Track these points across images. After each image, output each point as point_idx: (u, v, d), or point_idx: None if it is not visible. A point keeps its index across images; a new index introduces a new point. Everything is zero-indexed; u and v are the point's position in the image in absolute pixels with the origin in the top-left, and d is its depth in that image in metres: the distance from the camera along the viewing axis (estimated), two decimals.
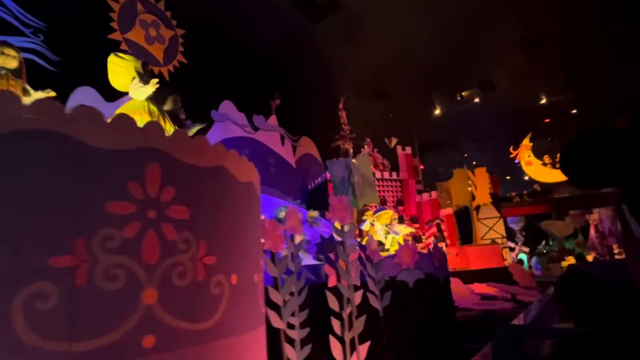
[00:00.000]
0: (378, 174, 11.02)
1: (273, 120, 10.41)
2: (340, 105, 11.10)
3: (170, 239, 1.93)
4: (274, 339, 3.47)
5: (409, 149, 11.80)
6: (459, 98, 16.00)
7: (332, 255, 3.92)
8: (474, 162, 18.54)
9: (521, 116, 18.55)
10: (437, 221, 10.21)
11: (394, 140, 11.99)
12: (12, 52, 4.39)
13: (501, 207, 14.04)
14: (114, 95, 6.54)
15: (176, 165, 2.08)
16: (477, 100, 16.28)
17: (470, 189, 10.61)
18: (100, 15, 7.00)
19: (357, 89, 15.22)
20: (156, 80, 5.25)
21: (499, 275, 8.82)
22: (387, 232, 5.78)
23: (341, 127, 10.94)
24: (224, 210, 2.34)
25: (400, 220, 10.30)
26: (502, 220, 14.20)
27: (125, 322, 1.69)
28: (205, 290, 2.07)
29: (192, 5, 9.21)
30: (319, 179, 10.65)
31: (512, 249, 16.30)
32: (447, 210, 10.62)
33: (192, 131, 5.21)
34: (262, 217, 5.11)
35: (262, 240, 3.23)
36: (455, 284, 7.37)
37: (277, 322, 3.14)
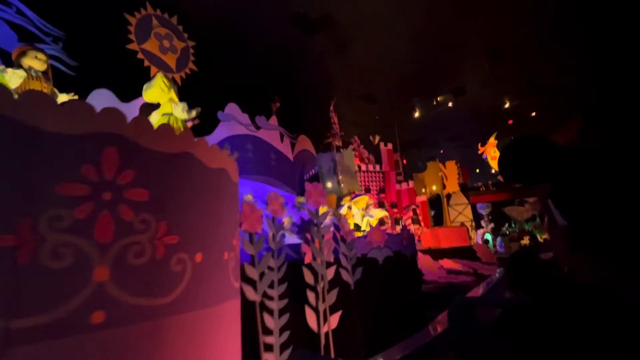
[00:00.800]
0: (363, 167, 10.79)
1: (273, 120, 10.13)
2: (331, 108, 10.83)
3: (126, 220, 1.70)
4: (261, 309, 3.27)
5: (390, 145, 11.54)
6: (434, 102, 15.64)
7: (308, 235, 3.68)
8: (454, 160, 18.26)
9: (488, 118, 18.22)
10: (413, 206, 9.98)
11: (377, 138, 11.72)
12: (43, 57, 4.20)
13: (469, 195, 13.78)
14: (128, 97, 6.31)
15: (138, 151, 1.84)
16: (450, 104, 15.93)
17: (441, 179, 10.35)
18: (117, 27, 6.75)
19: (348, 94, 14.91)
20: (199, 109, 5.40)
21: (465, 252, 8.60)
22: (363, 215, 5.54)
23: (332, 126, 10.68)
24: (190, 194, 2.10)
25: (381, 206, 10.08)
26: (470, 206, 13.94)
27: (71, 299, 1.47)
28: (164, 268, 1.84)
29: (202, 20, 8.90)
30: (313, 171, 10.42)
31: (480, 227, 16.04)
32: (422, 198, 10.37)
33: (192, 114, 4.96)
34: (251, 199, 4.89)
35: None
36: (426, 260, 7.16)
37: (252, 295, 2.92)
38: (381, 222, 9.06)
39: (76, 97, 4.36)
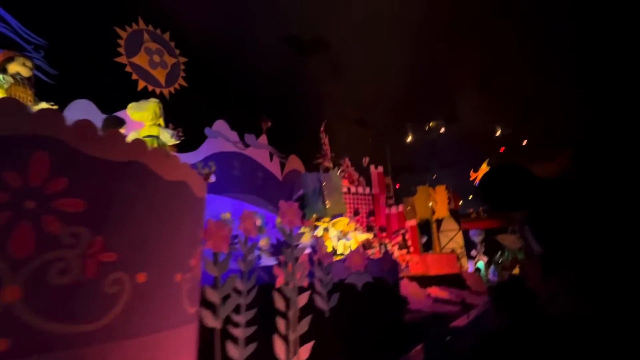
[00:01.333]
0: (353, 189, 10.66)
1: (263, 139, 10.05)
2: (322, 129, 10.81)
3: (51, 232, 1.52)
4: (225, 337, 3.02)
5: (380, 168, 11.47)
6: (427, 128, 15.79)
7: (282, 258, 3.48)
8: (445, 185, 18.27)
9: (480, 145, 18.37)
10: (402, 231, 9.80)
11: (366, 160, 11.69)
12: (30, 64, 4.14)
13: (460, 221, 13.62)
14: (110, 108, 6.19)
15: (76, 157, 1.68)
16: (442, 130, 16.08)
17: (430, 204, 10.24)
18: (103, 39, 6.73)
19: (340, 116, 15.01)
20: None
21: (454, 280, 8.35)
22: (339, 238, 5.34)
23: (322, 147, 10.61)
24: (137, 207, 1.92)
25: (370, 229, 9.87)
26: (461, 232, 13.75)
27: None
28: (95, 289, 1.63)
29: (196, 38, 8.96)
30: (302, 191, 10.26)
31: (473, 258, 15.78)
32: (412, 222, 10.21)
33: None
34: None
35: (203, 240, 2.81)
36: (412, 287, 6.90)
37: (210, 321, 2.68)
38: (367, 246, 8.84)
39: (56, 106, 4.24)
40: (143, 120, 5.28)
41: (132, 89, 7.16)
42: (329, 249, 4.91)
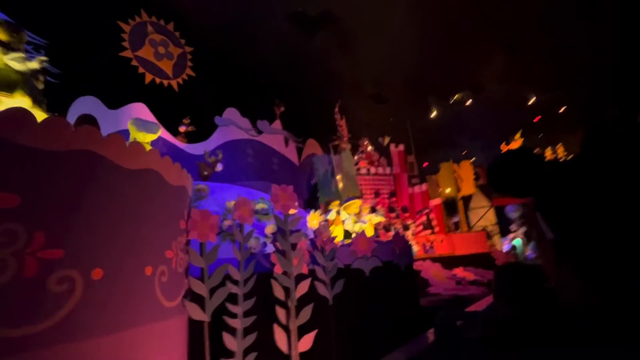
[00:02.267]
0: (373, 170, 10.30)
1: (277, 124, 9.89)
2: (336, 109, 10.45)
3: None
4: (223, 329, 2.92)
5: (401, 147, 10.98)
6: (451, 101, 14.92)
7: (278, 245, 3.31)
8: (474, 159, 17.43)
9: (512, 115, 17.17)
10: (426, 211, 9.36)
11: (387, 139, 11.21)
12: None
13: (492, 197, 12.91)
14: (116, 103, 6.24)
15: (6, 148, 1.56)
16: (469, 102, 15.14)
17: (456, 180, 9.67)
18: (105, 34, 6.74)
19: (358, 94, 14.49)
20: None
21: (482, 260, 7.89)
22: (355, 221, 5.09)
23: (337, 128, 10.29)
24: (89, 199, 1.79)
25: (391, 211, 9.54)
26: (493, 209, 13.06)
27: None
28: (37, 289, 1.53)
29: (201, 26, 8.83)
30: None
31: (507, 233, 14.98)
32: (436, 201, 9.73)
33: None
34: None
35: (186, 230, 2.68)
36: (435, 268, 6.57)
37: (197, 314, 2.56)
38: (388, 228, 8.53)
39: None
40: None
41: (140, 83, 7.20)
42: (340, 234, 4.70)
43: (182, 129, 7.37)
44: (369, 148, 10.56)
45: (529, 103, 15.77)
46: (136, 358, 1.91)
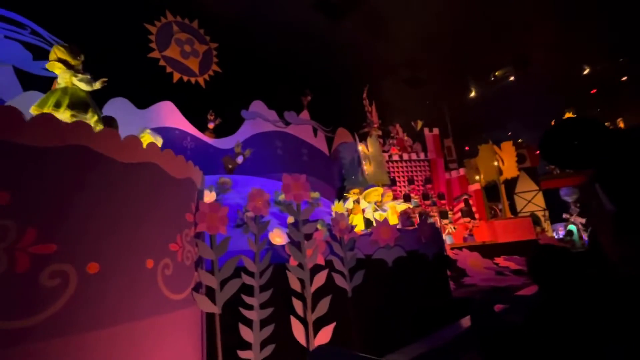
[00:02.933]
0: (406, 156, 9.88)
1: (305, 114, 9.78)
2: (364, 95, 10.12)
3: None
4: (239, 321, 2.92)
5: (436, 130, 10.40)
6: (492, 78, 13.88)
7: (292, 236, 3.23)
8: (520, 140, 16.24)
9: (563, 89, 15.63)
10: (465, 197, 8.82)
11: (419, 123, 10.67)
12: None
13: (540, 180, 11.93)
14: (145, 103, 6.47)
15: None
16: (512, 78, 14.01)
17: (497, 163, 8.95)
18: (131, 37, 6.98)
19: (391, 79, 13.94)
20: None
21: (529, 247, 7.28)
22: (375, 209, 4.84)
23: (366, 114, 9.98)
24: (83, 194, 1.80)
25: (425, 198, 9.12)
26: (541, 193, 12.07)
27: None
28: (28, 284, 1.56)
29: (224, 21, 8.91)
30: None
31: (566, 220, 13.77)
32: (475, 186, 9.11)
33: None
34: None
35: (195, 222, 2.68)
36: (473, 257, 6.17)
37: (206, 306, 2.56)
38: (443, 214, 8.12)
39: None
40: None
41: (168, 82, 7.43)
42: (360, 223, 4.52)
43: (210, 125, 7.52)
44: (402, 134, 10.14)
45: (585, 73, 14.24)
46: (138, 350, 1.92)
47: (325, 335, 3.12)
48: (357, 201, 4.79)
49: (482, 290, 4.55)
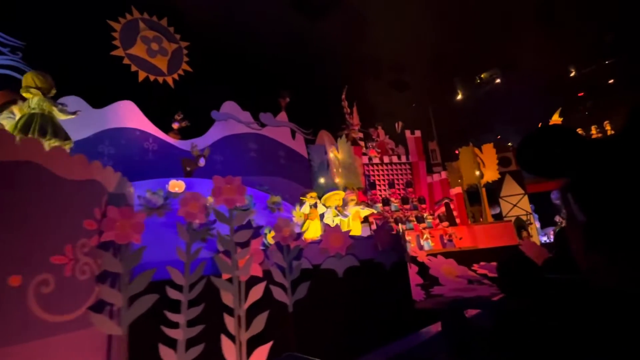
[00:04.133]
0: (387, 159, 9.61)
1: (282, 116, 9.49)
2: (342, 96, 9.87)
3: None
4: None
5: (418, 132, 10.16)
6: (478, 80, 13.73)
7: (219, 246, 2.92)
8: (509, 143, 16.09)
9: (550, 91, 15.55)
10: (446, 201, 8.56)
11: (400, 125, 10.43)
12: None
13: (525, 184, 11.71)
14: (106, 103, 6.15)
15: None
16: (498, 80, 13.88)
17: (478, 166, 8.69)
18: (92, 34, 6.66)
19: (376, 81, 13.72)
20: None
21: (510, 253, 7.01)
22: (336, 214, 4.52)
23: (345, 117, 9.72)
24: None
25: (404, 202, 8.84)
26: (527, 197, 11.85)
27: None
28: None
29: (197, 19, 8.62)
30: None
31: (558, 224, 13.55)
32: (457, 190, 8.86)
33: None
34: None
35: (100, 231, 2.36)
36: (448, 265, 5.89)
37: (107, 327, 2.23)
38: (419, 219, 7.80)
39: None
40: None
41: (133, 81, 7.11)
42: (316, 230, 4.21)
43: (175, 125, 7.20)
44: (383, 136, 9.88)
45: (571, 75, 14.15)
46: None
47: (260, 355, 2.80)
48: (314, 205, 4.48)
49: (447, 301, 4.24)
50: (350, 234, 4.09)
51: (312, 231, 4.14)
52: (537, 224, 14.50)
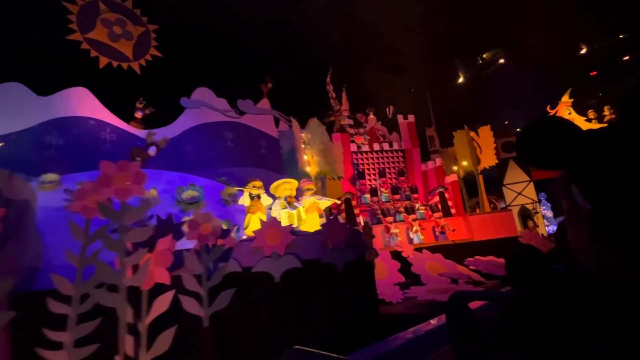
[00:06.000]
0: (377, 146, 8.95)
1: (264, 103, 8.90)
2: (327, 80, 9.19)
3: None
4: None
5: (411, 117, 9.43)
6: (480, 61, 12.86)
7: (129, 245, 2.38)
8: (517, 129, 15.23)
9: (559, 72, 14.55)
10: (440, 190, 7.88)
11: (391, 109, 9.71)
12: None
13: (531, 170, 10.93)
14: (45, 90, 5.66)
15: None
16: (501, 61, 13.00)
17: (474, 151, 7.96)
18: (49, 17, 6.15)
19: (372, 66, 12.97)
20: None
21: (507, 246, 6.35)
22: (284, 206, 3.90)
23: (330, 102, 9.06)
24: None
25: (395, 192, 8.18)
26: (532, 184, 11.06)
27: None
28: None
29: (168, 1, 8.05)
30: None
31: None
32: (453, 177, 8.15)
33: None
34: None
35: None
36: (434, 260, 5.27)
37: None
38: (408, 210, 7.17)
39: None
40: None
41: (94, 67, 6.62)
42: (255, 225, 3.64)
43: (138, 114, 6.68)
44: (374, 122, 9.19)
45: (582, 52, 13.15)
46: None
47: None
48: (258, 196, 3.90)
49: (420, 305, 3.64)
50: (304, 228, 3.53)
51: (254, 227, 3.58)
52: (550, 213, 13.70)
